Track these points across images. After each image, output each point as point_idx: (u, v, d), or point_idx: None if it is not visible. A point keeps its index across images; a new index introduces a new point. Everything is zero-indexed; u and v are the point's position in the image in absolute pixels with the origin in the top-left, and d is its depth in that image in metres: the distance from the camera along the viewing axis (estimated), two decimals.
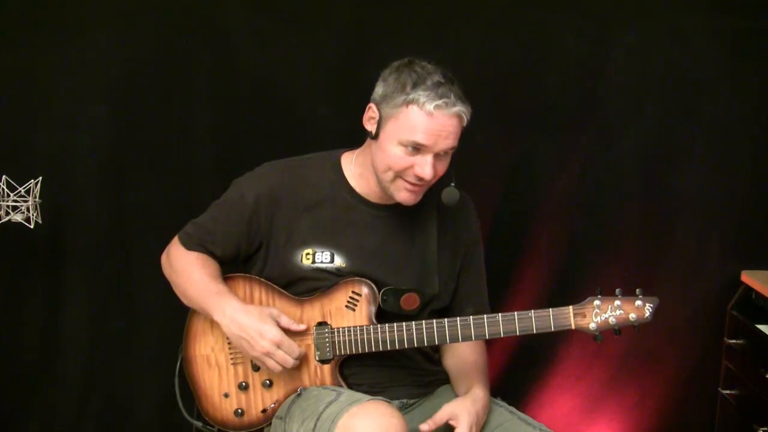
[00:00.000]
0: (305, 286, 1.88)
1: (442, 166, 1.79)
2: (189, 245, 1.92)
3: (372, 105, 1.80)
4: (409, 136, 1.73)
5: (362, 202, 1.89)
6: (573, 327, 1.75)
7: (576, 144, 2.47)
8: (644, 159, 2.49)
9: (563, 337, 2.52)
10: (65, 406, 2.50)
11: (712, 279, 2.53)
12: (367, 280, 1.85)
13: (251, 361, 1.88)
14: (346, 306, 1.85)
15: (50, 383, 2.48)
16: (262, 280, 1.91)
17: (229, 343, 1.89)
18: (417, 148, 1.74)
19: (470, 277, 2.00)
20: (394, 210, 1.89)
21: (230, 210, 1.90)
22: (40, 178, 2.18)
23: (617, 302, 1.74)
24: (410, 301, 1.87)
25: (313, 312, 1.87)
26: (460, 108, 1.73)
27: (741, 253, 2.50)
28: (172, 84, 2.39)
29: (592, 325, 1.75)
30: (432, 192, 1.88)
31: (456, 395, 1.92)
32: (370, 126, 1.80)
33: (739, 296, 2.48)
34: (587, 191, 2.50)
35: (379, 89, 1.78)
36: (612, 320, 1.74)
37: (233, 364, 1.90)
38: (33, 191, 2.16)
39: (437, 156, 1.75)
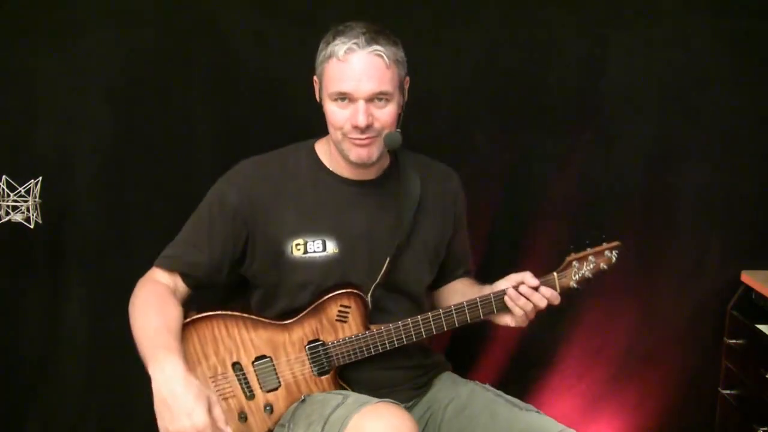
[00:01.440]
0: (296, 279, 1.84)
1: (384, 114, 1.77)
2: (168, 266, 1.86)
3: (315, 78, 1.84)
4: (333, 88, 1.75)
5: (343, 182, 1.87)
6: (558, 290, 1.84)
7: (576, 144, 2.47)
8: (644, 159, 2.49)
9: (563, 336, 2.52)
10: (65, 407, 2.50)
11: (712, 279, 2.52)
12: (355, 290, 1.83)
13: (243, 392, 1.83)
14: (337, 320, 1.84)
15: (50, 384, 2.48)
16: (238, 314, 1.84)
17: (213, 380, 1.82)
18: (345, 99, 1.75)
19: (461, 244, 2.05)
20: (376, 185, 1.89)
21: (211, 214, 1.85)
22: (40, 178, 2.18)
23: (591, 258, 1.86)
24: (387, 272, 1.87)
25: (302, 332, 1.84)
26: (375, 47, 1.73)
27: (741, 253, 2.51)
28: (172, 84, 2.39)
29: (572, 284, 1.86)
30: (413, 163, 1.91)
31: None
32: (318, 98, 1.84)
33: (739, 296, 2.48)
34: (587, 191, 2.50)
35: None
36: (588, 274, 1.87)
37: (224, 398, 1.83)
38: (33, 191, 2.16)
39: (372, 102, 1.75)
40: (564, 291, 1.86)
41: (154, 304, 1.79)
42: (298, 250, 1.83)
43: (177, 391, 1.60)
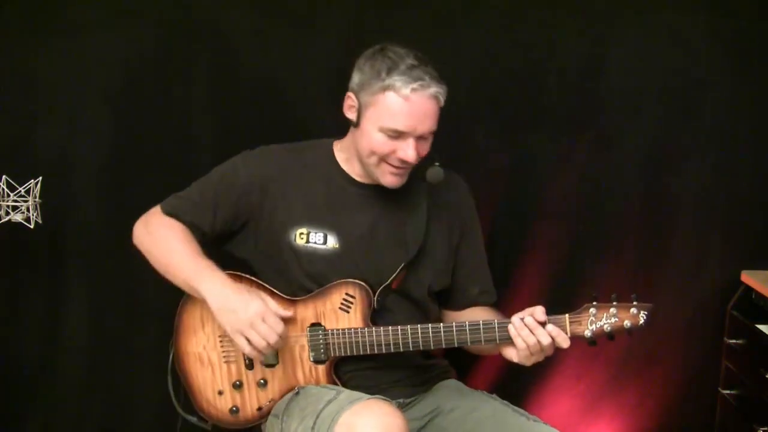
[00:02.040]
0: (296, 267, 1.88)
1: (424, 148, 1.82)
2: (174, 216, 1.92)
3: (350, 94, 1.83)
4: (389, 123, 1.76)
5: (353, 183, 1.92)
6: (568, 335, 1.74)
7: (576, 144, 2.47)
8: (644, 159, 2.49)
9: None
10: (65, 407, 2.50)
11: (712, 279, 2.52)
12: (361, 282, 1.85)
13: (244, 360, 1.88)
14: (340, 308, 1.86)
15: (50, 383, 2.48)
16: (253, 278, 1.91)
17: (221, 341, 1.89)
18: (399, 135, 1.77)
19: (472, 255, 2.01)
20: (384, 189, 1.90)
21: (220, 184, 1.91)
22: (40, 178, 2.18)
23: (612, 309, 1.75)
24: (399, 280, 1.88)
25: (306, 312, 1.87)
26: (435, 89, 1.76)
27: (741, 253, 2.50)
28: (172, 84, 2.39)
29: (588, 333, 1.75)
30: (420, 169, 1.90)
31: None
32: (350, 114, 1.84)
33: (739, 296, 2.48)
34: (587, 191, 2.50)
35: (355, 78, 1.82)
36: (607, 327, 1.74)
37: (226, 362, 1.90)
38: (33, 191, 2.16)
39: (418, 138, 1.78)
40: (576, 338, 1.75)
41: (177, 236, 1.89)
42: (302, 238, 1.88)
43: (230, 294, 1.77)
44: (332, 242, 1.87)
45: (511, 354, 1.77)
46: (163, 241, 1.89)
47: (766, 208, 2.51)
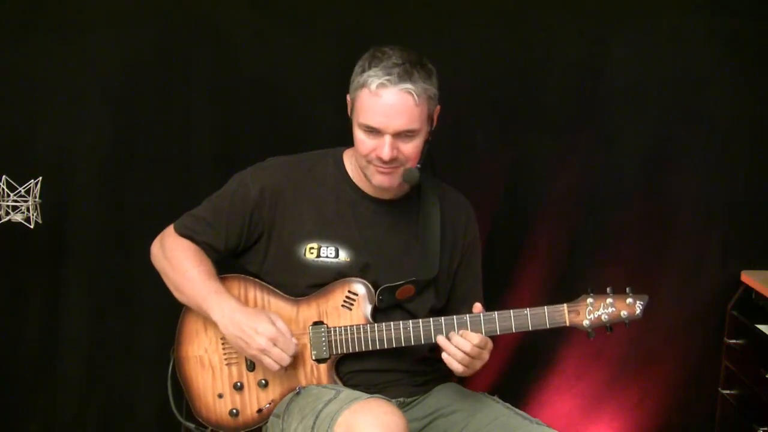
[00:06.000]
0: (305, 281, 1.88)
1: (410, 148, 1.78)
2: (188, 237, 1.91)
3: (348, 95, 1.83)
4: (362, 119, 1.77)
5: (365, 197, 1.91)
6: (567, 324, 1.78)
7: (576, 144, 2.47)
8: (644, 159, 2.49)
9: (563, 337, 2.52)
10: (65, 407, 2.50)
11: (712, 279, 2.52)
12: (364, 280, 1.86)
13: (246, 361, 1.88)
14: (343, 305, 1.86)
15: (50, 383, 2.48)
16: (257, 280, 1.91)
17: (223, 344, 1.90)
18: (373, 131, 1.76)
19: (468, 280, 2.01)
20: (396, 205, 1.91)
21: (233, 201, 1.90)
22: (40, 178, 2.18)
23: (609, 300, 1.78)
24: (405, 291, 1.88)
25: (309, 311, 1.88)
26: (406, 85, 1.72)
27: (741, 253, 2.50)
28: (172, 84, 2.39)
29: (586, 322, 1.78)
30: (434, 188, 1.91)
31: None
32: (349, 114, 1.84)
33: (739, 296, 2.48)
34: (587, 191, 2.50)
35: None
36: (604, 317, 1.77)
37: (227, 364, 1.90)
38: (33, 191, 2.16)
39: (399, 137, 1.76)
40: (576, 328, 1.78)
41: (190, 256, 1.89)
42: (312, 253, 1.87)
43: (239, 319, 1.79)
44: (344, 256, 1.87)
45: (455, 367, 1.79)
46: (176, 264, 1.89)
47: (766, 208, 2.51)
